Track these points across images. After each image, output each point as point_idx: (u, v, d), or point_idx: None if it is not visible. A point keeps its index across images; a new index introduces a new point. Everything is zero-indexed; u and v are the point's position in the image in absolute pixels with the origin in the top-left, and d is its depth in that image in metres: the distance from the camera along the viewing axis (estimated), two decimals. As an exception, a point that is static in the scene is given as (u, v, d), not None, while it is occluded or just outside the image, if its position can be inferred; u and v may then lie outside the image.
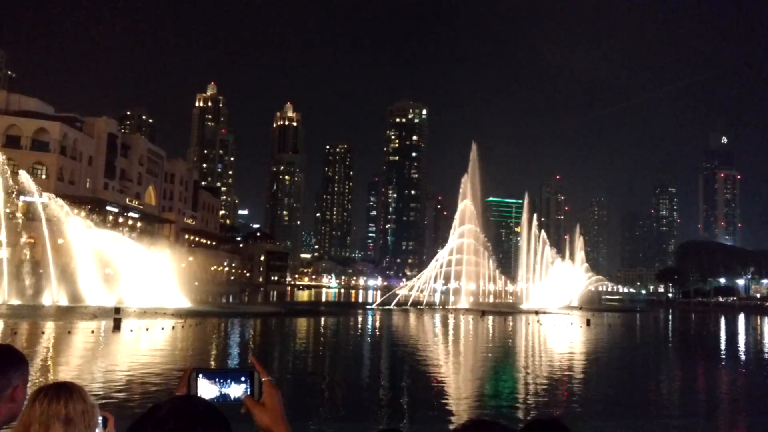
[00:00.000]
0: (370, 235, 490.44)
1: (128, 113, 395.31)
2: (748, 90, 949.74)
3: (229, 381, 2.35)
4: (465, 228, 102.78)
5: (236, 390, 2.35)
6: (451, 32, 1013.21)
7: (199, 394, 2.30)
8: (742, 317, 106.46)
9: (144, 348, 34.40)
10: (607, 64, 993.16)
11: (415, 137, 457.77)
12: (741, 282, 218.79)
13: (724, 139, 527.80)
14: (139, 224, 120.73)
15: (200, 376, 2.34)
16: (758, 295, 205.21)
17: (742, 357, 43.46)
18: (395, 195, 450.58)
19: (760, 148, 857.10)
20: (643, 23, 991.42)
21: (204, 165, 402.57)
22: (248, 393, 2.35)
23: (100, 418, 2.88)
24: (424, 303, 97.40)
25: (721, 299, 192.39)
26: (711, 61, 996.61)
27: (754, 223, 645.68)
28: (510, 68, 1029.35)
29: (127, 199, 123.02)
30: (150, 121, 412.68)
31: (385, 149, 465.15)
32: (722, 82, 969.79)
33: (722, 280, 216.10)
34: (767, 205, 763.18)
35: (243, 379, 2.36)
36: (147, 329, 41.38)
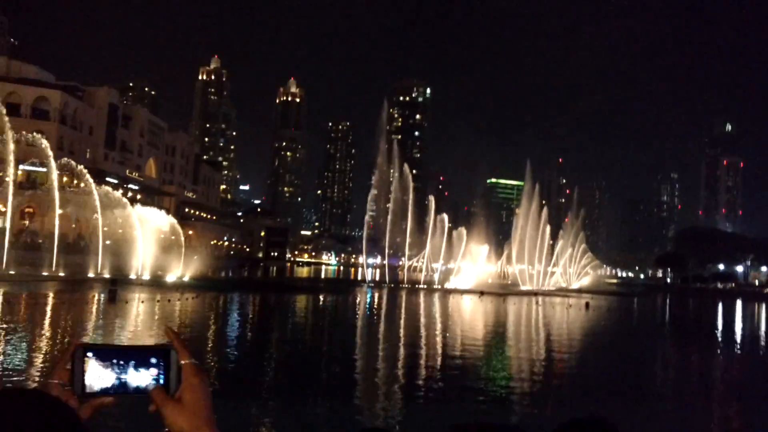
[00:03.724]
0: (371, 213, 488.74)
1: (130, 84, 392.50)
2: (756, 77, 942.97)
3: (131, 363, 1.56)
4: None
5: (142, 377, 1.56)
6: (457, 11, 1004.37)
7: (86, 382, 1.53)
8: (739, 304, 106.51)
9: (134, 320, 34.20)
10: (614, 48, 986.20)
11: (418, 116, 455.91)
12: (740, 269, 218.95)
13: (729, 126, 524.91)
14: (138, 196, 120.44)
15: (89, 355, 1.53)
16: (757, 282, 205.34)
17: (738, 343, 43.38)
18: (397, 174, 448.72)
19: (766, 136, 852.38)
20: (650, 7, 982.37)
21: (206, 139, 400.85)
22: (159, 382, 1.57)
23: None
24: (423, 282, 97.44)
25: (719, 285, 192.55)
26: (719, 48, 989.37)
27: (755, 211, 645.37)
28: (516, 49, 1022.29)
29: (127, 171, 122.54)
30: (152, 92, 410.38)
31: (387, 128, 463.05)
32: (730, 68, 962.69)
33: (721, 267, 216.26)
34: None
35: (153, 361, 1.57)
36: (142, 301, 41.26)
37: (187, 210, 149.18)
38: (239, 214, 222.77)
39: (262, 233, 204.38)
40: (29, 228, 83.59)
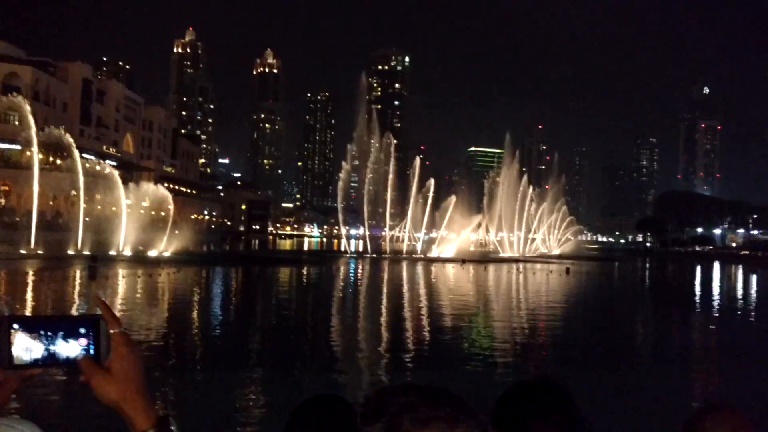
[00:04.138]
0: (352, 184, 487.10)
1: (104, 59, 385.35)
2: (732, 40, 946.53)
3: (60, 334, 1.53)
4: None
5: (71, 347, 1.54)
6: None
7: (14, 354, 1.50)
8: (717, 266, 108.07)
9: (114, 296, 33.93)
10: (593, 12, 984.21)
11: (397, 85, 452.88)
12: (718, 232, 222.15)
13: (706, 90, 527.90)
14: (116, 172, 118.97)
15: (15, 327, 1.51)
16: (734, 245, 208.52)
17: (715, 305, 44.05)
18: (377, 144, 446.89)
19: (742, 99, 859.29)
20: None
21: (183, 113, 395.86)
22: (89, 352, 1.55)
23: None
24: (405, 252, 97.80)
25: (698, 248, 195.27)
26: (696, 12, 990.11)
27: (732, 174, 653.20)
28: (494, 16, 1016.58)
29: (104, 147, 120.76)
30: (127, 67, 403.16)
31: (367, 97, 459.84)
32: (706, 31, 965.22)
33: (700, 230, 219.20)
34: (746, 155, 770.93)
35: (82, 331, 1.55)
36: (123, 277, 40.99)
37: (166, 185, 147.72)
38: (219, 187, 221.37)
39: (243, 206, 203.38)
40: (5, 206, 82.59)
